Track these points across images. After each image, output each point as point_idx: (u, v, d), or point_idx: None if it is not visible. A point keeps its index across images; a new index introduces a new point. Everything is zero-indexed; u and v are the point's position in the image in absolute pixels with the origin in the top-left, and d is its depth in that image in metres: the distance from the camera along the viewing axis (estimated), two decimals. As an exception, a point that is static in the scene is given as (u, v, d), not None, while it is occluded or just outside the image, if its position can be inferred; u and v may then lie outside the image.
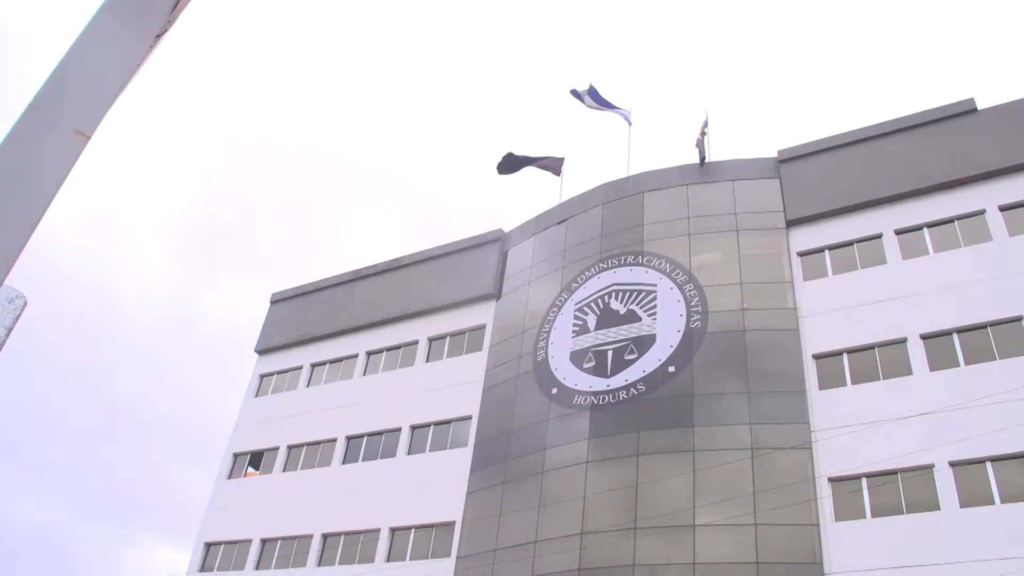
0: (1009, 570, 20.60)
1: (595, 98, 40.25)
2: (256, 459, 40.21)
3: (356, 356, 40.27)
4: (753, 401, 27.54)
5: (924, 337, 26.84)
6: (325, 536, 34.45)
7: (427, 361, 37.67)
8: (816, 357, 28.19)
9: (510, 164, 40.39)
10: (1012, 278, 26.49)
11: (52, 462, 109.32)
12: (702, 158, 34.39)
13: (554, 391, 31.09)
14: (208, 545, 38.12)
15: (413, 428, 35.44)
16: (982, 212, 28.59)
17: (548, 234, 36.85)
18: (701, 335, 29.53)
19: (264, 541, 36.21)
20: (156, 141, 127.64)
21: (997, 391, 23.89)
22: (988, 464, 23.46)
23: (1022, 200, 28.11)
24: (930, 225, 29.41)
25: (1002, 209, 28.27)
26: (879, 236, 30.02)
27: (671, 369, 29.10)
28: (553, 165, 40.21)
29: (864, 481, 24.93)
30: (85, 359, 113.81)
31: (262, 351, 44.48)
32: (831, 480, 25.35)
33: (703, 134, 35.26)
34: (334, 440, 37.50)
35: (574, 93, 40.64)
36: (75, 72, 3.82)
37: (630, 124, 39.41)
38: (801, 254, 30.98)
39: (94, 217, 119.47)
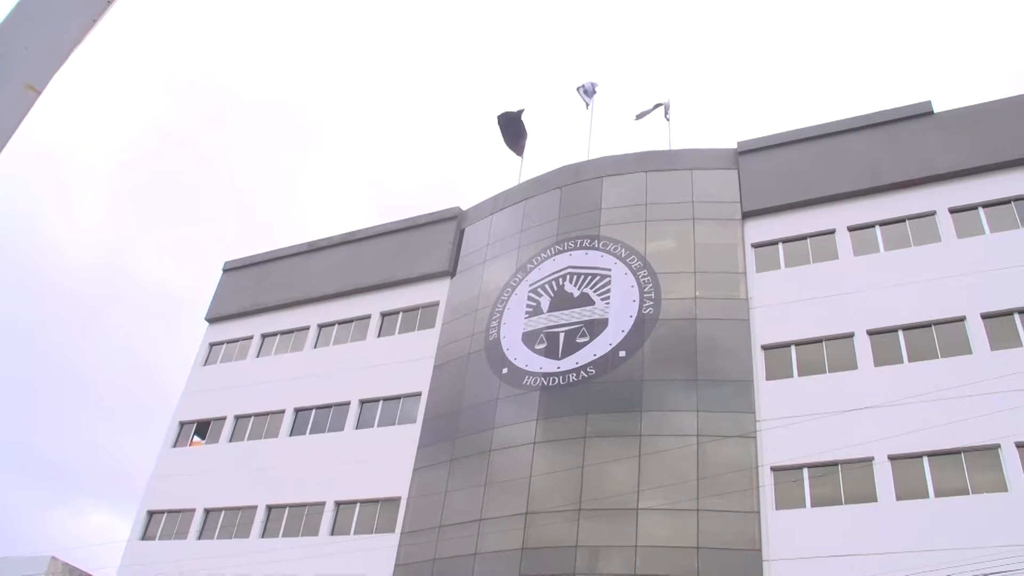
0: (940, 561, 21.10)
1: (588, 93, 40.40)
2: (202, 428, 39.83)
3: (307, 328, 39.98)
4: (701, 389, 27.83)
5: (871, 333, 27.30)
6: (269, 508, 34.27)
7: (379, 336, 37.53)
8: (765, 348, 28.55)
9: (510, 124, 40.47)
10: (958, 279, 27.02)
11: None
12: (640, 115, 35.15)
13: (505, 371, 31.16)
14: (151, 513, 37.70)
15: (362, 402, 35.32)
16: (932, 213, 29.09)
17: (505, 214, 36.81)
18: (653, 321, 29.74)
19: (208, 511, 35.92)
20: (97, 76, 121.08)
21: (937, 388, 24.40)
22: (925, 459, 24.00)
23: (972, 203, 28.65)
24: (882, 223, 29.86)
25: (952, 211, 28.80)
26: (832, 232, 30.43)
27: (622, 354, 29.28)
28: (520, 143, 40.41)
29: (806, 471, 25.34)
30: (17, 303, 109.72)
31: (212, 319, 43.97)
32: (774, 469, 25.73)
33: (654, 108, 35.92)
34: (282, 412, 37.25)
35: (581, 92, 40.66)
36: (28, 23, 3.72)
37: (590, 99, 39.63)
38: (755, 246, 31.29)
39: (25, 150, 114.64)
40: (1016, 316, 25.61)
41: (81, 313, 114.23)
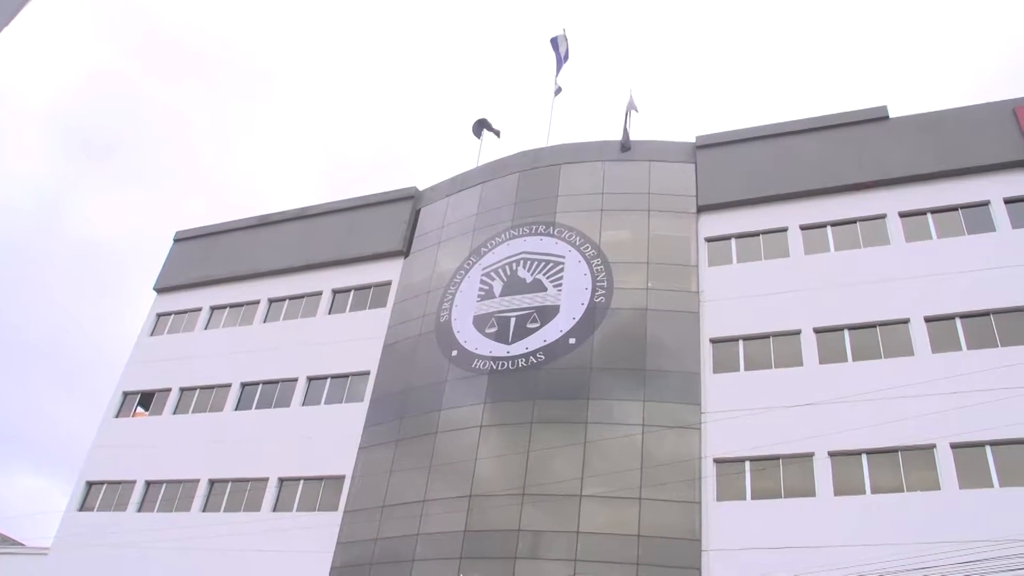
0: (874, 556, 21.55)
1: (557, 50, 40.46)
2: (146, 399, 39.34)
3: (258, 302, 39.60)
4: (648, 379, 28.05)
5: (817, 331, 27.70)
6: (212, 482, 33.97)
7: (329, 313, 37.31)
8: (713, 341, 28.85)
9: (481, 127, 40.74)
10: (905, 282, 27.52)
11: None
12: (624, 144, 34.68)
13: (454, 353, 31.15)
14: (90, 484, 37.21)
15: (310, 379, 35.11)
16: (883, 216, 29.59)
17: (462, 196, 36.74)
18: (604, 310, 29.91)
19: (149, 483, 35.50)
20: (31, 12, 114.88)
21: (878, 388, 24.89)
22: (863, 456, 24.46)
23: (921, 209, 29.19)
24: (833, 224, 30.30)
25: (902, 215, 29.34)
26: (784, 229, 30.81)
27: (571, 341, 29.42)
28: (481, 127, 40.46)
29: (747, 464, 25.71)
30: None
31: (161, 289, 43.40)
32: (716, 461, 26.06)
33: (629, 113, 35.52)
34: (228, 386, 36.91)
35: (554, 43, 40.72)
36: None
37: (557, 88, 39.75)
38: (708, 240, 31.58)
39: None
40: (958, 320, 26.17)
41: (10, 262, 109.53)
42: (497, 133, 40.90)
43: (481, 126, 40.64)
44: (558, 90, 39.88)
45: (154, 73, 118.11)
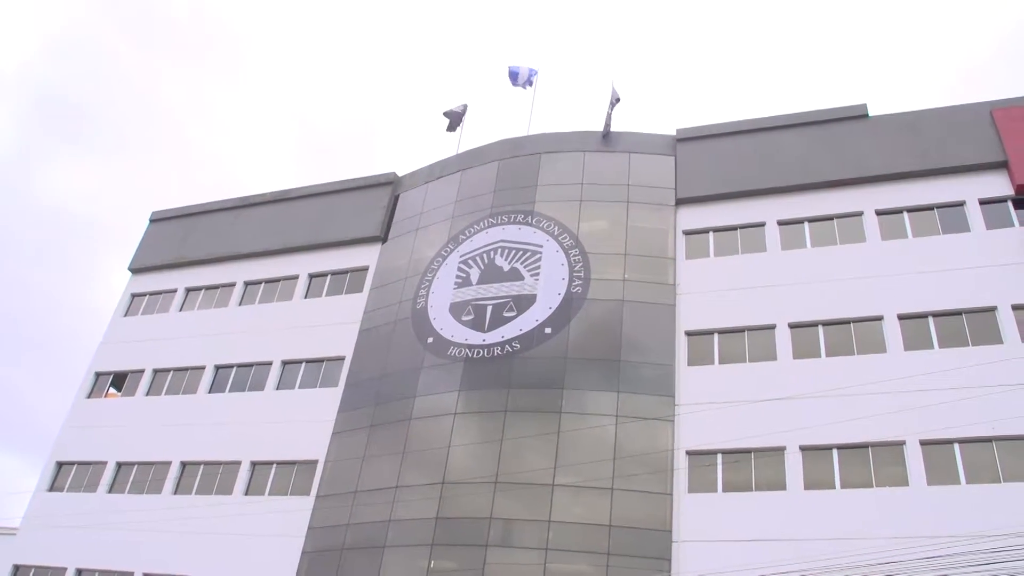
0: (842, 550, 21.75)
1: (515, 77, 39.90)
2: (119, 380, 39.09)
3: (233, 285, 39.38)
4: (623, 370, 28.13)
5: (792, 326, 27.86)
6: (184, 464, 33.83)
7: (306, 297, 37.17)
8: (688, 334, 28.96)
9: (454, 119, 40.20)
10: (879, 279, 27.72)
11: None
12: (605, 132, 34.69)
13: (430, 340, 31.12)
14: (60, 464, 36.97)
15: (284, 363, 34.98)
16: (860, 214, 29.77)
17: (441, 183, 36.66)
18: (581, 300, 29.96)
19: (120, 464, 35.33)
20: None
21: (850, 384, 25.07)
22: (834, 451, 24.67)
23: (898, 207, 29.39)
24: (811, 220, 30.47)
25: (878, 213, 29.53)
26: (762, 224, 30.94)
27: (547, 330, 29.45)
28: (456, 115, 40.01)
29: (719, 457, 25.86)
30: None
31: (136, 270, 43.07)
32: (689, 453, 26.20)
33: (613, 104, 35.42)
34: (202, 368, 36.73)
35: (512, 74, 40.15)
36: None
37: (529, 85, 39.40)
38: (686, 233, 31.67)
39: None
40: (930, 319, 26.40)
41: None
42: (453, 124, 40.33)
43: (458, 119, 40.27)
44: (530, 76, 39.37)
45: (126, 33, 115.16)
